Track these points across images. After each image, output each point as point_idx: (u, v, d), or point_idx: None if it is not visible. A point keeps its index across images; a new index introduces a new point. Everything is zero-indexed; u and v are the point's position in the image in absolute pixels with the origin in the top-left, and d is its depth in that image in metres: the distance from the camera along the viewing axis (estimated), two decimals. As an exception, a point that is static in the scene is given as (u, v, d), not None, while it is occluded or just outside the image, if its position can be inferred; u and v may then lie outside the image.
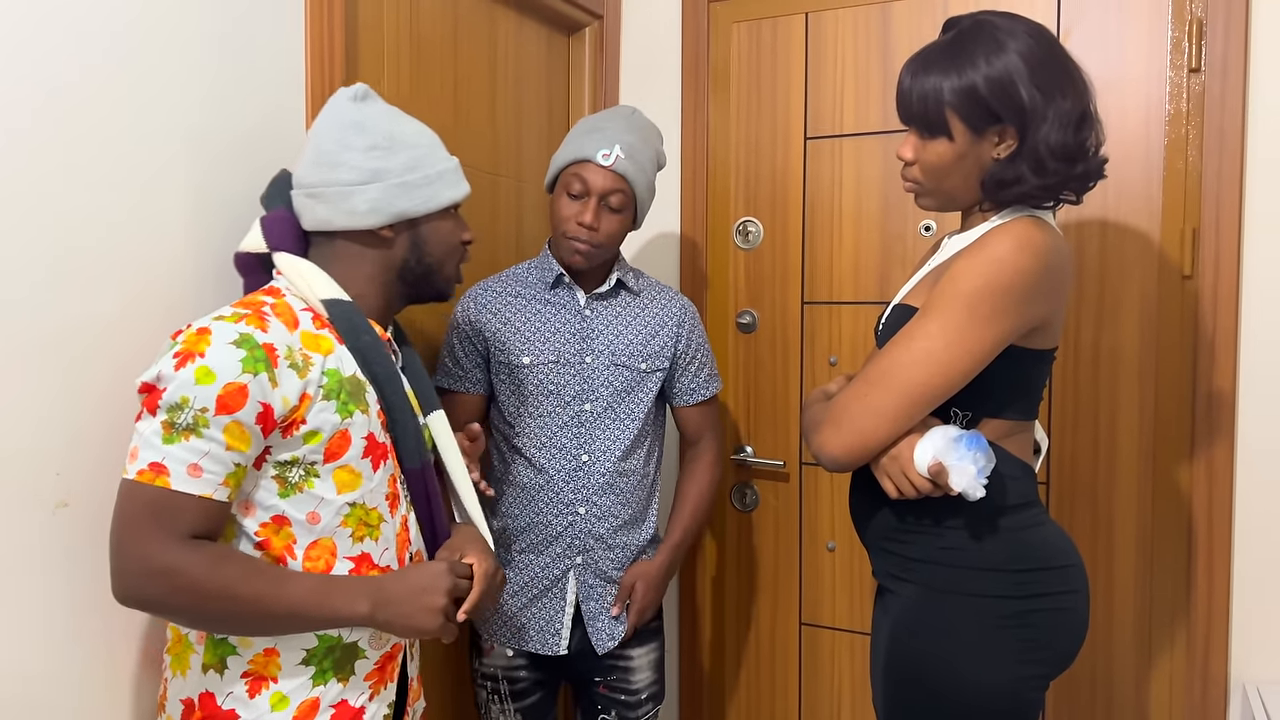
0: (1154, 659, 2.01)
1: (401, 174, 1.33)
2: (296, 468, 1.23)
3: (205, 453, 1.14)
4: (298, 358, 1.22)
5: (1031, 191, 1.39)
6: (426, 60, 1.96)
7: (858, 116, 2.23)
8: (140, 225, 1.35)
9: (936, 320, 1.35)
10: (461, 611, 1.29)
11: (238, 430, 1.15)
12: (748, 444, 2.39)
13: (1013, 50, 1.35)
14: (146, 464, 1.14)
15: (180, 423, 1.13)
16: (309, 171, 1.34)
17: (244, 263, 1.38)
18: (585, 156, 1.79)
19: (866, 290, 2.24)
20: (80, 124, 1.27)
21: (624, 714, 1.91)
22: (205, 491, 1.15)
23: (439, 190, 1.37)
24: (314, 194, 1.33)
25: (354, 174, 1.31)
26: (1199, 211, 1.91)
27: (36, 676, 1.24)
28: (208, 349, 1.15)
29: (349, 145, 1.32)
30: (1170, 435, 1.97)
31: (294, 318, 1.27)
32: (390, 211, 1.33)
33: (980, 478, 1.32)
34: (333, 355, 1.27)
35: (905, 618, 1.46)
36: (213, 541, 1.18)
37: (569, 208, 1.80)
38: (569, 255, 1.82)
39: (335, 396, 1.25)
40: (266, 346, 1.18)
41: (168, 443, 1.13)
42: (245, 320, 1.20)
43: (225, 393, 1.14)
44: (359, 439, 1.27)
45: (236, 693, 1.23)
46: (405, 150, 1.34)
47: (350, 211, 1.31)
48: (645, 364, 1.89)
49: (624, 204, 1.81)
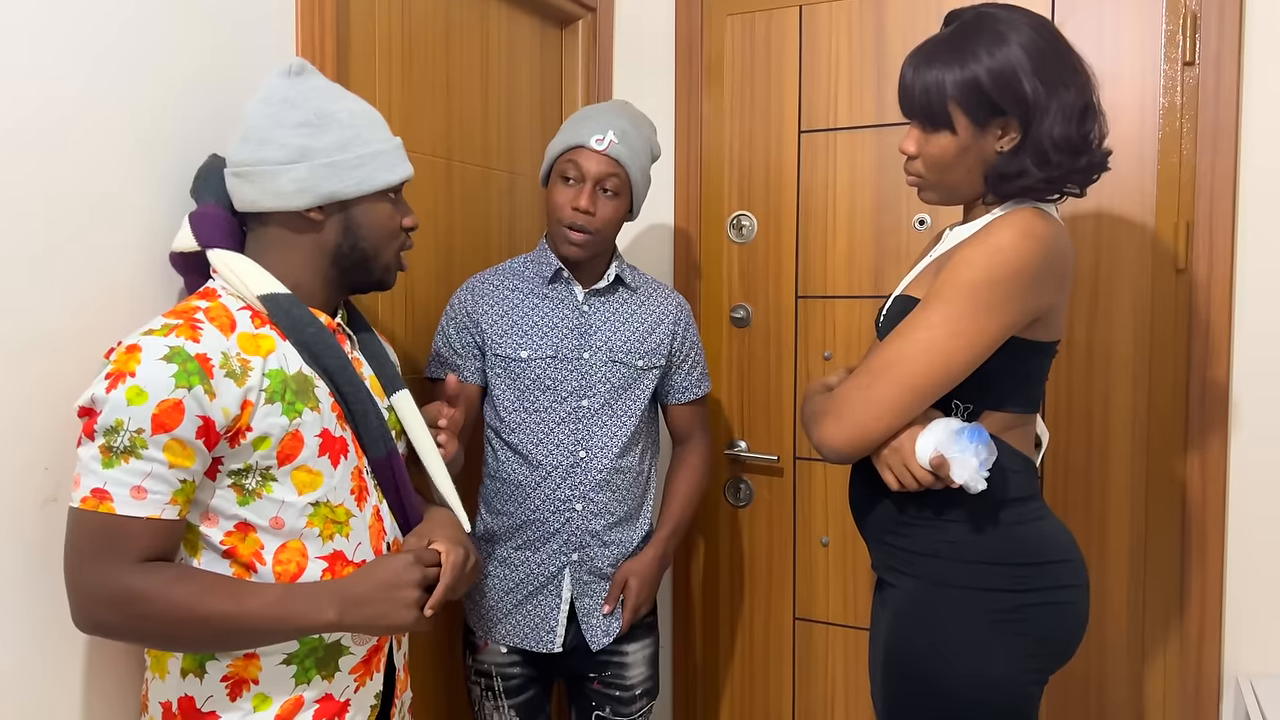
0: (1148, 653, 2.01)
1: (331, 153, 1.26)
2: (251, 475, 1.20)
3: (147, 473, 1.11)
4: (234, 364, 1.17)
5: (1035, 184, 1.38)
6: (419, 54, 1.94)
7: (852, 110, 2.22)
8: (123, 226, 1.33)
9: (939, 310, 1.35)
10: (429, 606, 1.23)
11: (178, 447, 1.12)
12: (741, 439, 2.39)
13: (1015, 42, 1.35)
14: (89, 490, 1.11)
15: (117, 446, 1.10)
16: (238, 149, 1.28)
17: (180, 263, 1.34)
18: (579, 142, 1.78)
19: (861, 284, 2.23)
20: (64, 125, 1.24)
21: (618, 710, 1.90)
22: (152, 513, 1.12)
23: (373, 172, 1.29)
24: (241, 173, 1.27)
25: (281, 152, 1.25)
26: (1193, 205, 1.92)
27: (21, 671, 1.22)
28: (138, 367, 1.11)
29: (278, 122, 1.25)
30: (1164, 429, 1.97)
31: (230, 320, 1.22)
32: (318, 192, 1.26)
33: (982, 470, 1.32)
34: (274, 354, 1.23)
35: (905, 611, 1.46)
36: (168, 562, 1.16)
37: (564, 195, 1.79)
38: (565, 246, 1.80)
39: (280, 398, 1.21)
40: (200, 358, 1.14)
41: (107, 467, 1.10)
42: (175, 332, 1.14)
43: (160, 411, 1.10)
44: (312, 438, 1.24)
45: (217, 696, 1.20)
46: (337, 128, 1.27)
47: (277, 192, 1.25)
48: (642, 361, 1.88)
49: (620, 189, 1.80)
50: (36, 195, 1.21)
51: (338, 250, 1.31)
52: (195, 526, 1.19)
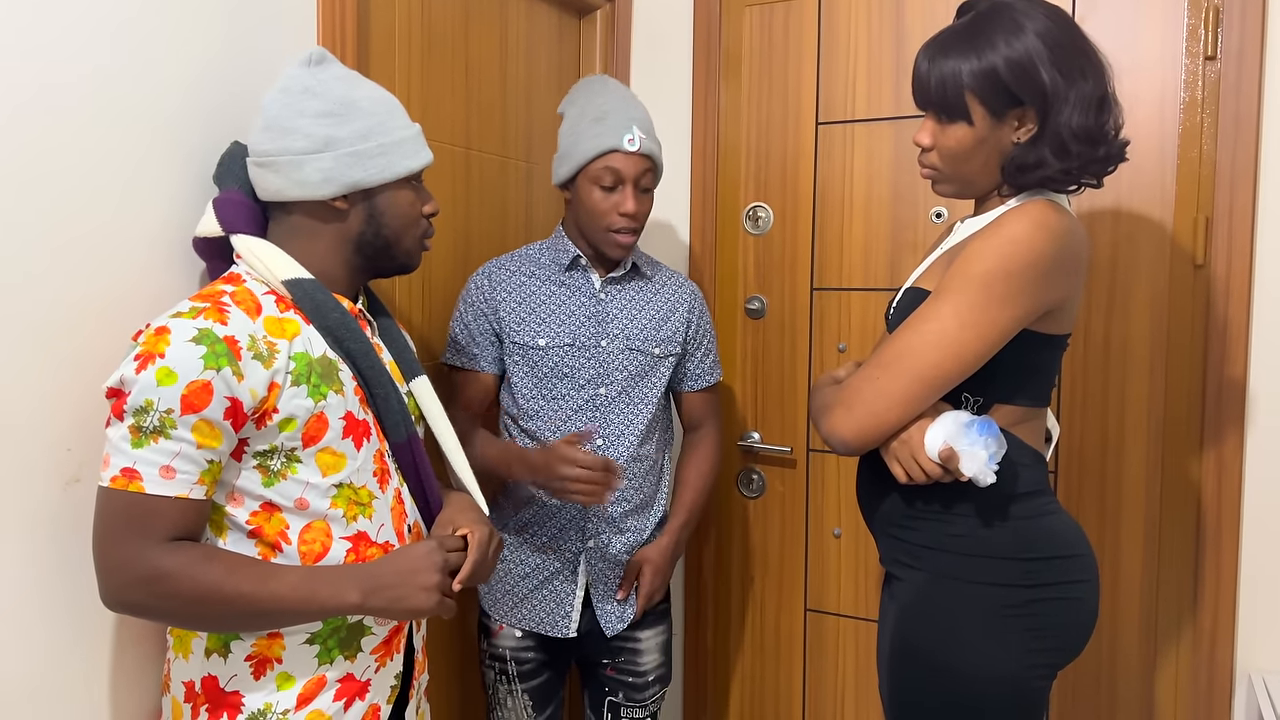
0: (1160, 648, 2.01)
1: (354, 142, 1.28)
2: (277, 456, 1.21)
3: (176, 453, 1.13)
4: (262, 347, 1.19)
5: (1054, 175, 1.38)
6: (438, 42, 1.95)
7: (870, 101, 2.22)
8: (145, 210, 1.34)
9: (950, 302, 1.34)
10: (456, 581, 1.26)
11: (206, 428, 1.14)
12: (755, 430, 2.39)
13: (1031, 32, 1.34)
14: (119, 470, 1.12)
15: (147, 426, 1.12)
16: (260, 139, 1.29)
17: (203, 248, 1.35)
18: (612, 146, 1.76)
19: (876, 277, 2.23)
20: (85, 109, 1.26)
21: (631, 696, 1.92)
22: (180, 492, 1.14)
23: (395, 160, 1.31)
24: (264, 163, 1.28)
25: (305, 142, 1.26)
26: (1212, 200, 1.90)
27: (44, 650, 1.25)
28: (167, 349, 1.12)
29: (301, 111, 1.27)
30: (1180, 425, 1.96)
31: (256, 304, 1.23)
32: (343, 181, 1.27)
33: (991, 464, 1.32)
34: (300, 338, 1.24)
35: (912, 604, 1.46)
36: (195, 541, 1.17)
37: (607, 200, 1.78)
38: (613, 249, 1.81)
39: (305, 380, 1.22)
40: (228, 339, 1.16)
41: (137, 447, 1.12)
42: (203, 315, 1.16)
43: (189, 392, 1.12)
44: (336, 420, 1.25)
45: (241, 675, 1.22)
46: (360, 117, 1.29)
47: (302, 182, 1.27)
48: (659, 349, 1.89)
49: (654, 183, 1.83)
50: (57, 179, 1.23)
51: (361, 237, 1.33)
52: (221, 507, 1.21)
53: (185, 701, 1.24)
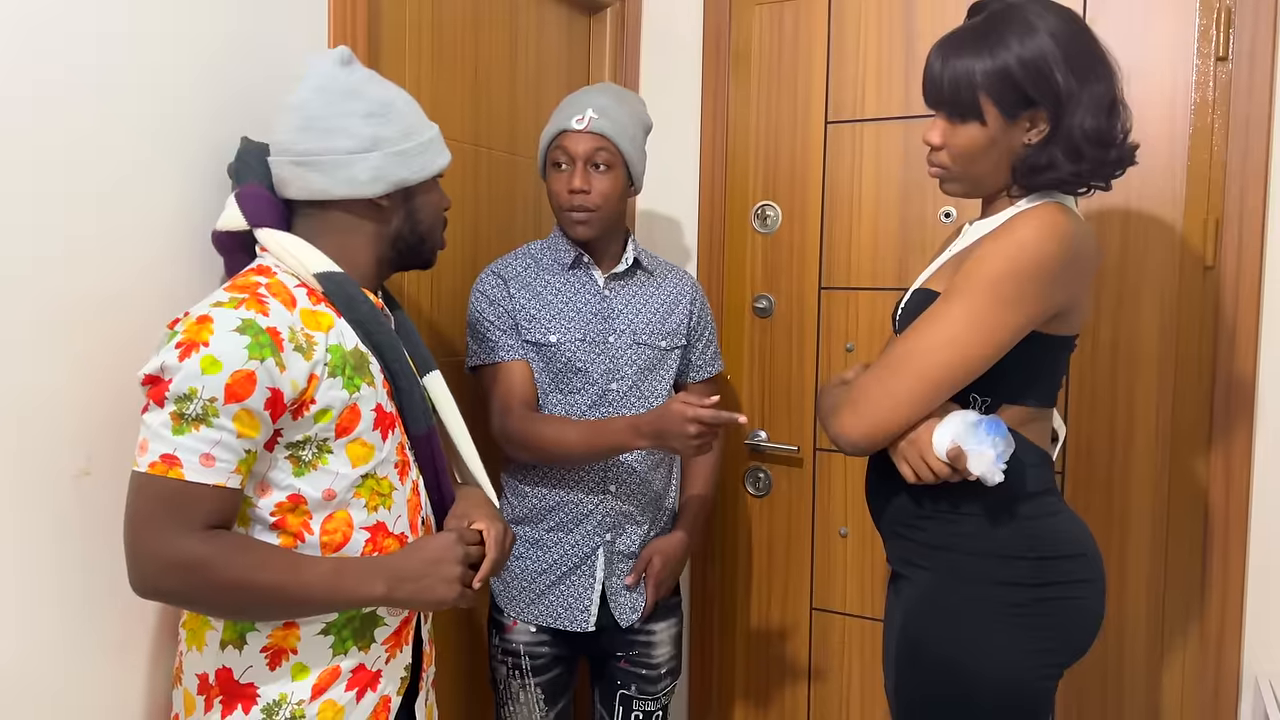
0: (1166, 651, 2.00)
1: (398, 141, 1.31)
2: (309, 446, 1.22)
3: (216, 442, 1.13)
4: (301, 339, 1.20)
5: (1064, 177, 1.38)
6: (448, 39, 1.95)
7: (879, 101, 2.22)
8: (155, 204, 1.35)
9: (959, 304, 1.34)
10: (477, 579, 1.29)
11: (247, 418, 1.15)
12: (762, 429, 2.39)
13: (1044, 32, 1.34)
14: (158, 456, 1.13)
15: (189, 414, 1.12)
16: (297, 138, 1.29)
17: (223, 242, 1.36)
18: (561, 128, 1.81)
19: (885, 277, 2.23)
20: (92, 99, 1.26)
21: (644, 688, 1.93)
22: (219, 480, 1.14)
23: (431, 158, 1.36)
24: (306, 162, 1.29)
25: (354, 141, 1.28)
26: (1222, 202, 1.90)
27: (55, 640, 1.25)
28: (211, 337, 1.13)
29: (346, 112, 1.28)
30: (1188, 426, 1.96)
31: (290, 296, 1.24)
32: (390, 180, 1.30)
33: (999, 463, 1.32)
34: (334, 330, 1.26)
35: (919, 604, 1.46)
36: (228, 530, 1.18)
37: (559, 181, 1.82)
38: (572, 228, 1.83)
39: (341, 372, 1.24)
40: (270, 330, 1.17)
41: (178, 434, 1.12)
42: (245, 305, 1.17)
43: (233, 381, 1.13)
44: (368, 411, 1.27)
45: (256, 667, 1.23)
46: (400, 117, 1.32)
47: (350, 180, 1.28)
48: (665, 341, 1.90)
49: (610, 161, 1.81)
50: (69, 173, 1.23)
51: (398, 234, 1.36)
52: (248, 497, 1.21)
53: (198, 694, 1.24)
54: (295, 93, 1.30)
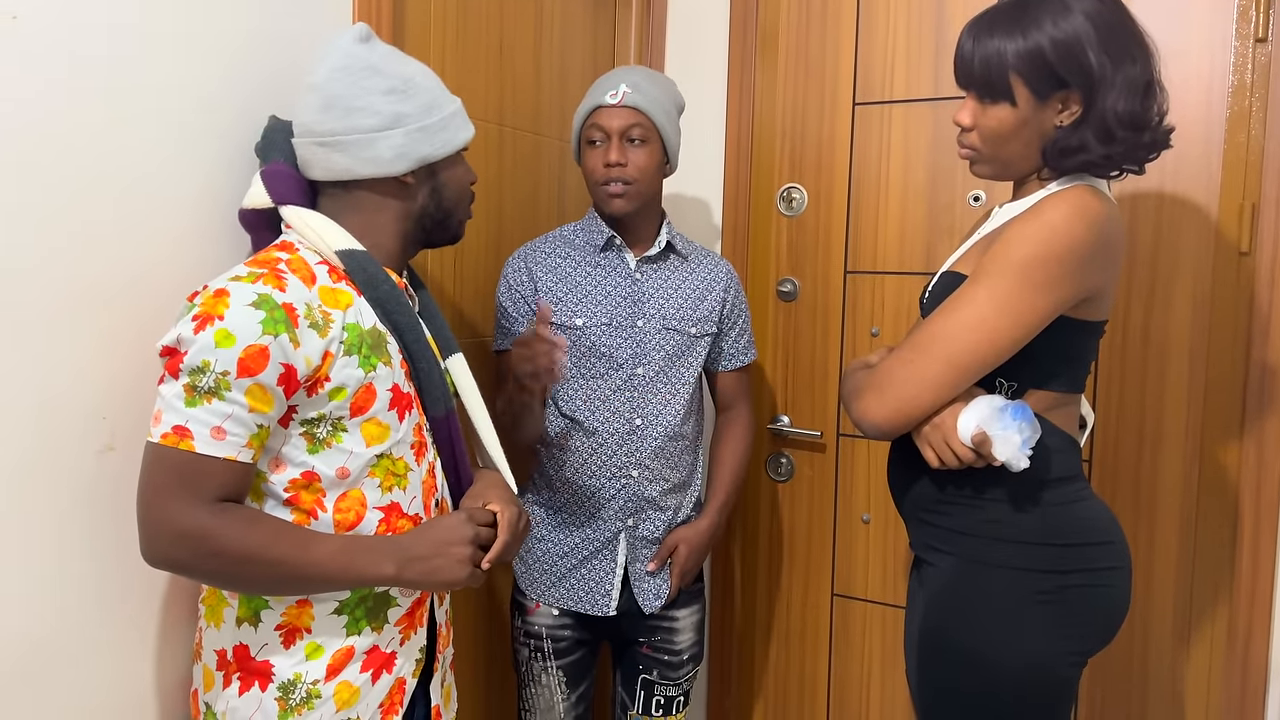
0: (1193, 641, 1.98)
1: (420, 117, 1.30)
2: (324, 424, 1.23)
3: (228, 415, 1.14)
4: (318, 316, 1.20)
5: (1096, 160, 1.35)
6: (472, 18, 1.94)
7: (909, 82, 2.19)
8: (184, 182, 1.35)
9: (987, 287, 1.33)
10: (486, 560, 1.28)
11: (259, 392, 1.15)
12: (785, 413, 2.38)
13: (1080, 12, 1.32)
14: (170, 427, 1.13)
15: (202, 386, 1.13)
16: (320, 118, 1.28)
17: (249, 220, 1.36)
18: (596, 104, 1.81)
19: (912, 261, 2.21)
20: (124, 83, 1.27)
21: (666, 674, 1.93)
22: (229, 454, 1.15)
23: (454, 133, 1.35)
24: (329, 142, 1.28)
25: (376, 119, 1.27)
26: (1259, 187, 1.86)
27: (83, 612, 1.27)
28: (226, 311, 1.13)
29: (367, 89, 1.27)
30: (1219, 416, 1.93)
31: (310, 273, 1.24)
32: (414, 156, 1.30)
33: (1025, 449, 1.30)
34: (352, 309, 1.26)
35: (942, 589, 1.45)
36: (239, 504, 1.19)
37: (594, 156, 1.82)
38: (608, 204, 1.82)
39: (357, 351, 1.24)
40: (286, 306, 1.17)
41: (190, 406, 1.13)
42: (262, 280, 1.17)
43: (246, 355, 1.13)
44: (384, 391, 1.27)
45: (271, 644, 1.24)
46: (420, 93, 1.31)
47: (374, 159, 1.28)
48: (695, 328, 1.89)
49: (646, 135, 1.80)
50: (96, 151, 1.24)
51: (424, 211, 1.35)
52: (262, 473, 1.22)
53: (217, 669, 1.25)
54: (315, 72, 1.30)
